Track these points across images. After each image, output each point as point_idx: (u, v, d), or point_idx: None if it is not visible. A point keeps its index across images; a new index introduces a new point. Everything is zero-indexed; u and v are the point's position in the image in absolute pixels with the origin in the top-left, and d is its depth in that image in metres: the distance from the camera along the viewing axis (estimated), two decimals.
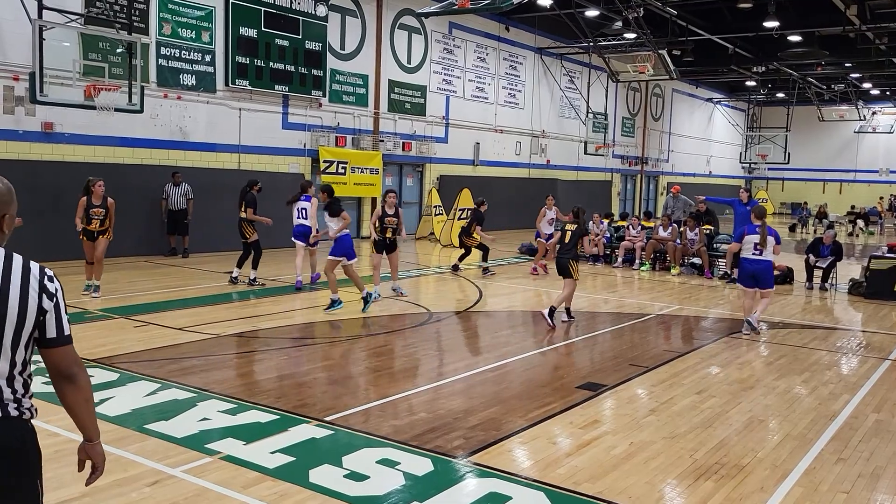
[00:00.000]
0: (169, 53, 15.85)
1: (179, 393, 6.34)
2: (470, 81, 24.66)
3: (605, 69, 28.52)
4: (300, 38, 18.39)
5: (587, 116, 29.39)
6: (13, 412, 2.41)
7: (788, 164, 40.85)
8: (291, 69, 18.25)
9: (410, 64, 22.26)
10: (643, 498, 4.61)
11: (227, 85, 17.04)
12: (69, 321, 2.53)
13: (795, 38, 26.10)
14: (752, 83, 37.32)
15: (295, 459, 4.98)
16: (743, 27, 25.34)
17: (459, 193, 20.99)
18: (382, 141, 21.02)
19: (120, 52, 13.89)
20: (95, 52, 13.85)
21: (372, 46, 20.80)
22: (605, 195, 31.86)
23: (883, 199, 38.60)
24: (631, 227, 17.17)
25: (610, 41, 26.40)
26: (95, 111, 13.04)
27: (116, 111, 13.26)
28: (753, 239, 9.58)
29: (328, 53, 19.24)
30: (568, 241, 10.18)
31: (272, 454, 5.05)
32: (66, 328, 2.49)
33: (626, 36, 25.28)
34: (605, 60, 27.61)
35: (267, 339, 8.77)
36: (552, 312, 9.85)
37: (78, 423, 2.60)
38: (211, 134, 16.93)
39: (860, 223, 31.07)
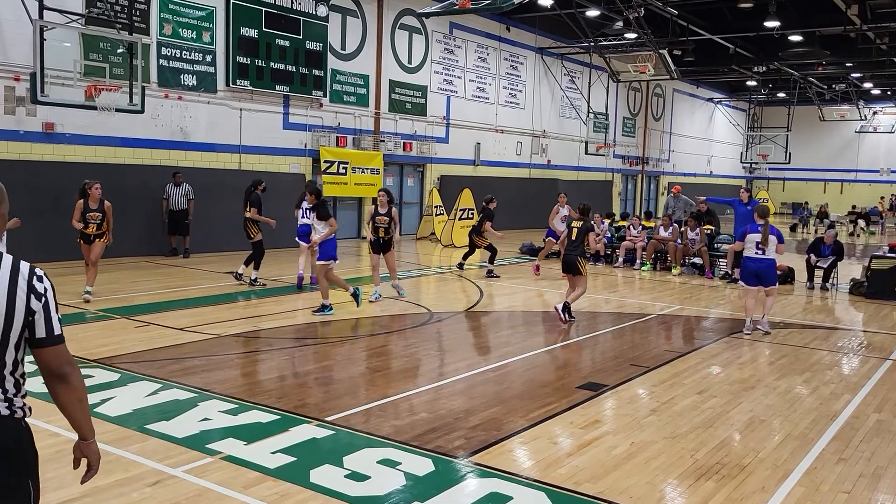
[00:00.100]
0: (170, 54, 15.85)
1: (180, 393, 6.34)
2: (471, 81, 24.66)
3: (605, 69, 28.53)
4: (301, 38, 18.40)
5: (588, 116, 29.40)
6: (4, 411, 2.40)
7: (789, 163, 40.88)
8: (292, 69, 18.26)
9: (411, 64, 22.26)
10: (644, 498, 4.61)
11: (227, 85, 17.05)
12: (61, 321, 2.51)
13: (796, 37, 26.09)
14: (752, 83, 37.31)
15: (296, 459, 4.98)
16: (744, 27, 25.35)
17: (460, 194, 21.00)
18: (383, 141, 21.03)
19: (121, 52, 13.90)
20: (96, 52, 13.87)
21: (373, 46, 20.81)
22: (605, 195, 31.84)
23: (884, 198, 38.58)
24: (632, 227, 17.17)
25: (611, 41, 26.41)
26: (96, 111, 13.06)
27: (117, 111, 13.28)
28: (755, 238, 9.65)
29: (329, 53, 19.24)
30: (575, 237, 10.22)
31: (273, 454, 5.05)
32: (55, 328, 2.47)
33: (626, 36, 25.29)
34: (605, 60, 27.62)
35: (268, 339, 8.77)
36: (567, 308, 9.99)
37: (72, 422, 2.59)
38: (212, 134, 16.94)
39: (861, 223, 31.03)
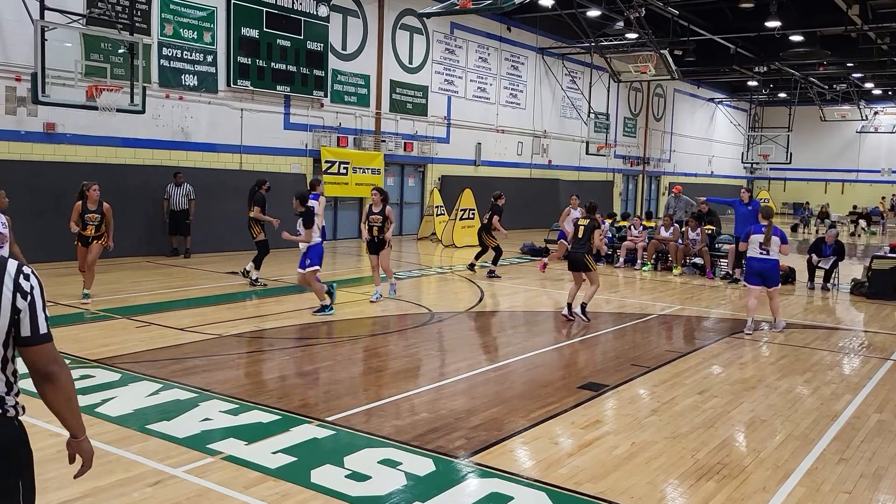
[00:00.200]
0: (171, 54, 15.86)
1: (181, 393, 6.34)
2: (471, 82, 24.66)
3: (606, 69, 28.54)
4: (302, 38, 18.40)
5: (589, 116, 29.38)
6: None
7: (790, 164, 40.85)
8: (293, 69, 18.26)
9: (412, 64, 22.26)
10: (645, 498, 4.61)
11: (228, 85, 17.05)
12: (48, 319, 2.49)
13: (797, 37, 26.08)
14: (753, 83, 37.29)
15: (297, 460, 4.98)
16: (745, 27, 25.35)
17: (461, 194, 21.00)
18: (384, 141, 21.04)
19: (122, 52, 13.92)
20: (97, 52, 13.89)
21: (373, 47, 20.81)
22: (606, 195, 31.82)
23: (885, 199, 38.51)
24: (633, 227, 17.17)
25: (611, 41, 26.41)
26: (97, 112, 13.07)
27: (118, 112, 13.30)
28: (759, 238, 9.78)
29: (330, 54, 19.25)
30: (581, 235, 10.32)
31: (274, 454, 5.05)
32: (42, 327, 2.44)
33: (627, 36, 25.29)
34: (606, 60, 27.63)
35: (269, 339, 8.77)
36: (583, 309, 10.19)
37: (61, 420, 2.57)
38: (212, 134, 16.95)
39: (862, 223, 31.01)
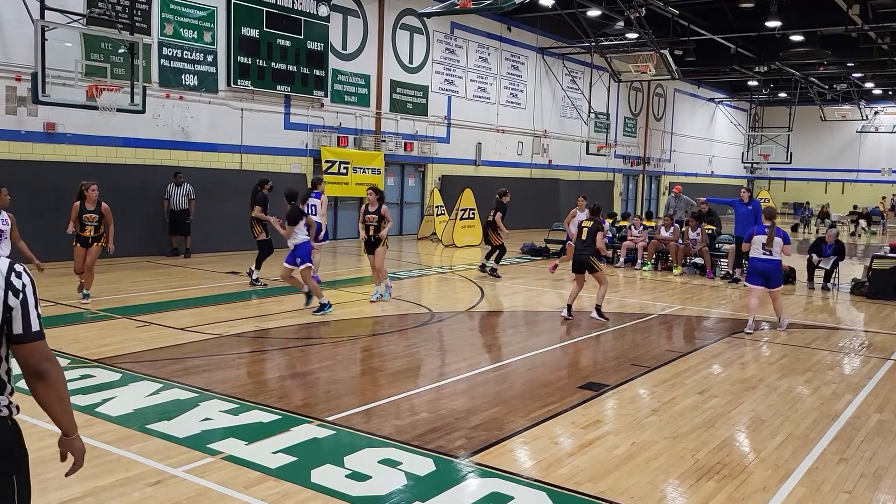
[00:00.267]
0: (171, 54, 15.86)
1: (181, 393, 6.34)
2: (472, 81, 24.66)
3: (606, 69, 28.53)
4: (302, 38, 18.40)
5: (589, 116, 29.38)
6: None
7: (791, 163, 40.85)
8: (293, 69, 18.26)
9: (412, 64, 22.26)
10: (645, 498, 4.61)
11: (229, 85, 17.05)
12: (41, 317, 2.48)
13: (797, 37, 26.08)
14: (754, 83, 37.28)
15: (297, 459, 4.98)
16: (745, 27, 25.34)
17: (461, 194, 20.99)
18: (384, 141, 21.04)
19: (122, 52, 13.92)
20: (97, 52, 13.89)
21: (374, 46, 20.81)
22: (607, 195, 31.82)
23: (885, 198, 38.48)
24: (633, 226, 17.17)
25: (612, 41, 26.41)
26: (97, 111, 13.07)
27: (118, 111, 13.30)
28: (762, 239, 9.85)
29: (330, 54, 19.25)
30: (585, 237, 10.36)
31: (274, 454, 5.05)
32: (34, 324, 2.43)
33: (627, 36, 25.29)
34: (606, 60, 27.63)
35: (269, 339, 8.77)
36: (598, 309, 10.33)
37: (53, 419, 2.56)
38: (213, 134, 16.95)
39: (862, 223, 31.00)
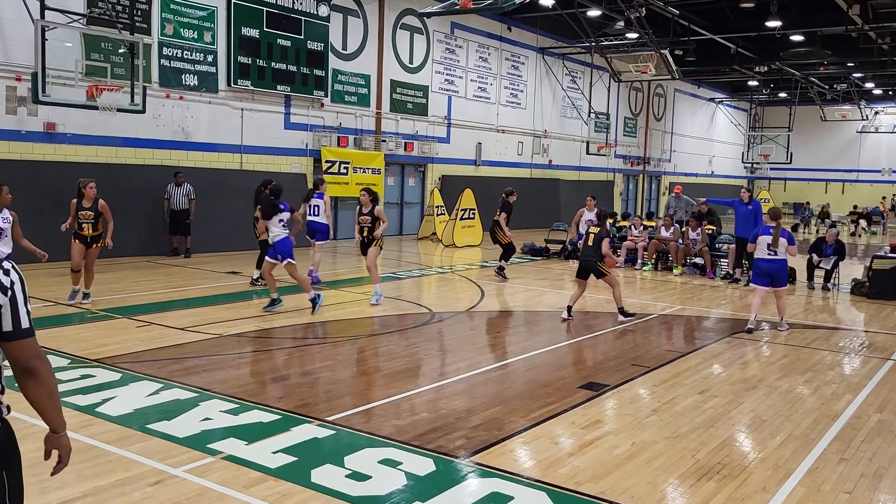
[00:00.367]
0: (171, 53, 15.86)
1: (182, 393, 6.34)
2: (472, 81, 24.66)
3: (607, 69, 28.53)
4: (302, 38, 18.40)
5: (589, 116, 29.38)
6: None
7: (791, 163, 40.84)
8: (293, 69, 18.26)
9: (412, 64, 22.26)
10: (645, 498, 4.61)
11: (229, 85, 17.05)
12: (30, 314, 2.48)
13: (798, 37, 26.07)
14: (754, 83, 37.27)
15: (297, 459, 4.98)
16: (745, 27, 25.34)
17: (462, 194, 20.99)
18: (384, 141, 21.03)
19: (122, 52, 13.92)
20: (98, 52, 13.89)
21: (374, 46, 20.81)
22: (607, 195, 31.80)
23: (885, 198, 38.51)
24: (633, 226, 17.18)
25: (612, 41, 26.41)
26: (98, 111, 13.07)
27: (119, 111, 13.30)
28: (767, 240, 9.87)
29: (330, 53, 19.25)
30: (591, 243, 10.42)
31: (274, 454, 5.05)
32: (23, 321, 2.42)
33: (628, 36, 25.29)
34: (607, 60, 27.63)
35: (269, 338, 8.77)
36: (622, 311, 10.48)
37: (42, 416, 2.55)
38: (213, 134, 16.95)
39: (863, 223, 31.01)
